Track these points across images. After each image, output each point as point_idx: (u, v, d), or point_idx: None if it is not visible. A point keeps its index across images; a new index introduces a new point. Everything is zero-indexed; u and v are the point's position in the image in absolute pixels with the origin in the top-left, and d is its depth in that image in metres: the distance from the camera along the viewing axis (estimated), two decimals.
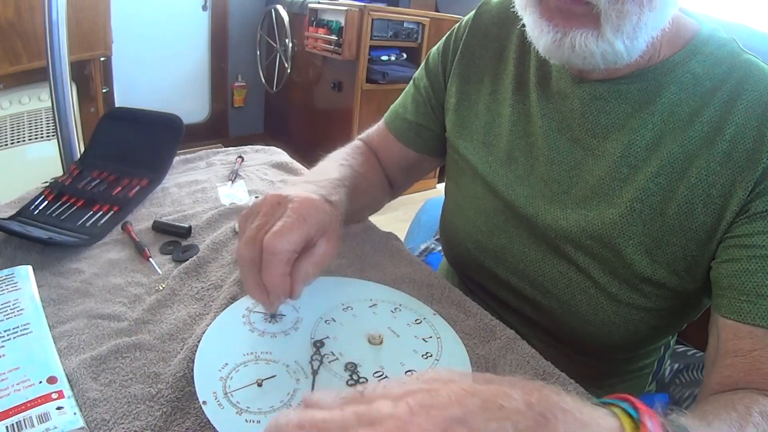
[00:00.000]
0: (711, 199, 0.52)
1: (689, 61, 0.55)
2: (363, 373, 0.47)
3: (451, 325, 0.55)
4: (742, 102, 0.52)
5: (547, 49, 0.52)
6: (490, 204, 0.66)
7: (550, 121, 0.61)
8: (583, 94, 0.58)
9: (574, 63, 0.52)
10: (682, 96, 0.54)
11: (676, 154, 0.54)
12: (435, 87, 0.74)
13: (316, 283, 0.61)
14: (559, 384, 0.51)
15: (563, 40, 0.50)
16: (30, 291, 0.54)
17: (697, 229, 0.53)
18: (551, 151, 0.61)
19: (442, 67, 0.74)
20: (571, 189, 0.59)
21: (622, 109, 0.56)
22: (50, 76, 0.99)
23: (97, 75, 2.03)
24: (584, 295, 0.60)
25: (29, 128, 1.80)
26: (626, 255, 0.56)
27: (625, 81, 0.56)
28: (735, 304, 0.49)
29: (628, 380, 0.73)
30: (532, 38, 0.54)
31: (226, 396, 0.43)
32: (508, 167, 0.65)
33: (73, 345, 0.50)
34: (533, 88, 0.63)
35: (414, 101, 0.76)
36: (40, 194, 0.78)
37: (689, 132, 0.53)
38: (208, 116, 3.23)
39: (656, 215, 0.55)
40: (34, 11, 1.56)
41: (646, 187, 0.55)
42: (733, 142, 0.51)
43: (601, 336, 0.62)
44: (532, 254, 0.63)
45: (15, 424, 0.39)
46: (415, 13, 2.68)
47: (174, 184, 0.86)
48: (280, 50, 2.98)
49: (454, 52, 0.72)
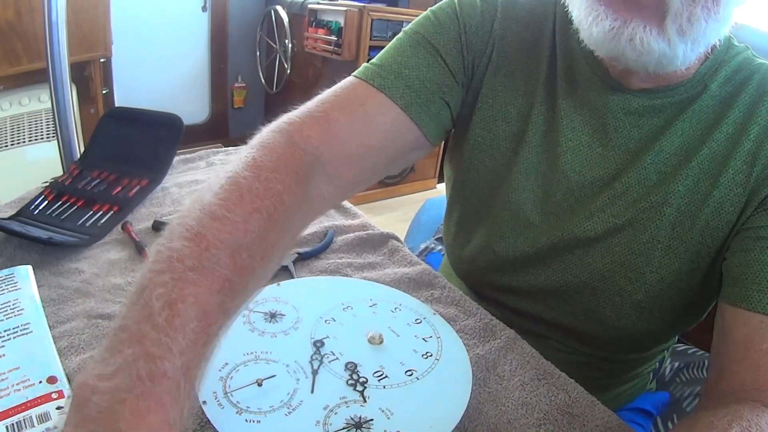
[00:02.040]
0: (738, 198, 0.52)
1: (717, 71, 0.54)
2: (363, 373, 0.47)
3: (451, 324, 0.55)
4: (764, 103, 0.52)
5: (600, 39, 0.47)
6: (511, 220, 0.61)
7: (580, 134, 0.57)
8: (616, 108, 0.55)
9: (626, 59, 0.48)
10: (709, 103, 0.54)
11: (704, 155, 0.53)
12: (458, 58, 0.58)
13: (317, 283, 0.61)
14: (560, 384, 0.51)
15: (621, 30, 0.45)
16: (30, 291, 0.54)
17: (724, 228, 0.53)
18: (581, 167, 0.57)
19: (470, 39, 0.58)
20: (597, 197, 0.57)
21: (655, 122, 0.55)
22: (50, 78, 0.99)
23: (97, 76, 2.03)
24: (608, 303, 0.58)
25: (29, 129, 1.80)
26: (654, 260, 0.55)
27: (660, 95, 0.54)
28: (745, 293, 0.48)
29: (634, 379, 0.73)
30: (581, 25, 0.48)
31: (226, 396, 0.43)
32: (534, 182, 0.60)
33: (73, 345, 0.50)
34: (561, 96, 0.58)
35: (426, 63, 0.56)
36: (40, 194, 0.78)
37: (716, 134, 0.53)
38: (208, 117, 3.23)
39: (686, 218, 0.54)
40: (33, 12, 1.56)
41: (674, 189, 0.54)
42: (758, 141, 0.52)
43: (623, 339, 0.61)
44: (555, 265, 0.60)
45: (15, 424, 0.39)
46: (414, 14, 2.68)
47: (174, 184, 0.86)
48: (280, 51, 2.98)
49: (486, 29, 0.58)
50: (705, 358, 0.79)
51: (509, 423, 0.46)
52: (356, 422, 0.42)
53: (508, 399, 0.49)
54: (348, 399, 0.44)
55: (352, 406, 0.44)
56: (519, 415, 0.47)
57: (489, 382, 0.51)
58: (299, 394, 0.44)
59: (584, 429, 0.46)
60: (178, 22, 2.89)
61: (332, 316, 0.54)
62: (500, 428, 0.46)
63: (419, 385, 0.47)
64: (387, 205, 2.77)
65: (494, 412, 0.47)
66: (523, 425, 0.46)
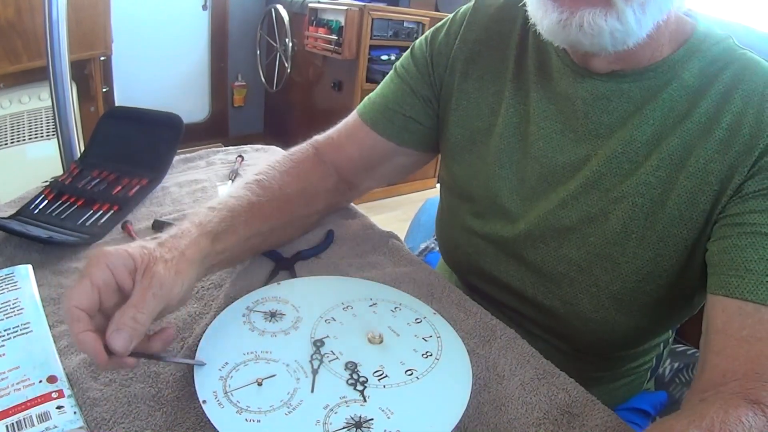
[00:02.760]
0: (710, 186, 0.52)
1: (689, 60, 0.55)
2: (363, 372, 0.47)
3: (451, 324, 0.55)
4: (738, 92, 0.52)
5: (552, 30, 0.50)
6: (489, 208, 0.66)
7: (553, 122, 0.60)
8: (585, 95, 0.58)
9: (581, 44, 0.50)
10: (681, 93, 0.55)
11: (675, 146, 0.54)
12: (425, 78, 0.69)
13: (317, 283, 0.61)
14: (560, 383, 0.51)
15: (570, 20, 0.48)
16: (30, 290, 0.54)
17: (698, 218, 0.53)
18: (554, 152, 0.60)
19: (434, 60, 0.69)
20: (571, 187, 0.59)
21: (624, 107, 0.56)
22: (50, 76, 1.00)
23: (97, 74, 2.03)
24: (586, 294, 0.60)
25: (29, 127, 1.80)
26: (629, 250, 0.56)
27: (628, 79, 0.56)
28: (724, 280, 0.48)
29: (629, 376, 0.73)
30: (535, 19, 0.52)
31: (226, 395, 0.43)
32: (508, 169, 0.64)
33: (73, 344, 0.50)
34: (533, 89, 0.62)
35: (399, 91, 0.71)
36: (40, 193, 0.78)
37: (687, 123, 0.54)
38: (208, 116, 3.22)
39: (657, 208, 0.55)
40: (34, 11, 1.56)
41: (647, 181, 0.55)
42: (730, 129, 0.52)
43: (602, 333, 0.62)
44: (533, 255, 0.63)
45: (15, 424, 0.39)
46: (415, 13, 2.68)
47: (174, 184, 0.86)
48: (280, 50, 2.98)
49: (450, 46, 0.68)
50: None
51: (509, 423, 0.46)
52: (356, 422, 0.42)
53: (508, 398, 0.49)
54: (348, 398, 0.44)
55: (352, 406, 0.44)
56: (519, 415, 0.47)
57: (489, 381, 0.51)
58: (299, 394, 0.44)
59: (584, 428, 0.46)
60: (179, 20, 2.88)
61: (332, 315, 0.54)
62: (500, 428, 0.46)
63: (419, 385, 0.47)
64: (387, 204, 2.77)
65: (494, 411, 0.47)
66: (522, 425, 0.46)
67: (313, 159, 0.71)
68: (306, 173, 0.69)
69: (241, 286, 0.60)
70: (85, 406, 0.43)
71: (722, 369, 0.45)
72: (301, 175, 0.68)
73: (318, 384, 0.46)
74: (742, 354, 0.45)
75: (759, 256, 0.47)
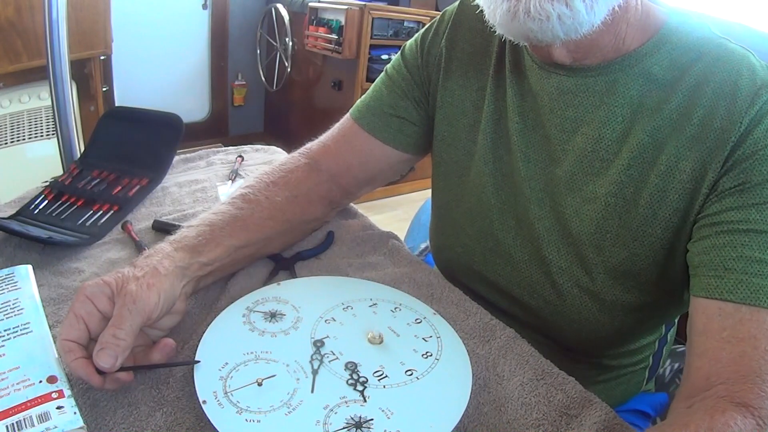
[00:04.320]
0: (682, 184, 0.52)
1: (657, 52, 0.54)
2: (363, 373, 0.47)
3: (451, 324, 0.55)
4: (710, 85, 0.51)
5: (503, 22, 0.50)
6: (476, 206, 0.66)
7: (525, 118, 0.61)
8: (551, 89, 0.58)
9: (533, 32, 0.49)
10: (650, 87, 0.54)
11: (646, 143, 0.53)
12: (417, 81, 0.70)
13: (317, 283, 0.61)
14: (559, 382, 0.51)
15: (517, 7, 0.48)
16: (30, 290, 0.54)
17: (671, 216, 0.53)
18: (527, 148, 0.61)
19: (423, 60, 0.70)
20: (546, 186, 0.60)
21: (589, 101, 0.56)
22: (50, 75, 0.99)
23: (97, 74, 2.03)
24: (568, 295, 0.60)
25: (29, 127, 1.79)
26: (605, 250, 0.56)
27: (592, 73, 0.56)
28: (703, 281, 0.48)
29: (623, 375, 0.73)
30: (489, 16, 0.52)
31: (226, 395, 0.43)
32: (493, 166, 0.64)
33: None
34: (509, 85, 0.63)
35: (392, 93, 0.71)
36: (40, 193, 0.78)
37: (657, 120, 0.53)
38: (208, 115, 3.22)
39: (630, 207, 0.55)
40: (34, 10, 1.56)
41: (618, 180, 0.55)
42: (702, 125, 0.51)
43: (588, 333, 0.62)
44: (518, 255, 0.64)
45: (15, 424, 0.39)
46: (415, 12, 2.68)
47: (174, 184, 0.86)
48: (280, 49, 2.98)
49: (438, 46, 0.69)
50: None
51: (509, 423, 0.47)
52: (356, 422, 0.42)
53: (507, 399, 0.49)
54: (348, 399, 0.44)
55: (352, 406, 0.44)
56: (518, 415, 0.47)
57: (489, 382, 0.51)
58: (299, 394, 0.44)
59: (582, 428, 0.46)
60: (179, 19, 2.88)
61: (332, 315, 0.54)
62: (500, 428, 0.46)
63: (419, 385, 0.47)
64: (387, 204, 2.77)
65: (494, 412, 0.48)
66: (522, 425, 0.46)
67: (304, 167, 0.71)
68: (297, 181, 0.69)
69: (241, 287, 0.60)
70: (85, 406, 0.43)
71: (706, 372, 0.45)
72: (292, 183, 0.68)
73: (318, 384, 0.46)
74: (725, 356, 0.44)
75: (737, 254, 0.46)
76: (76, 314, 0.45)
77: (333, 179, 0.72)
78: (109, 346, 0.43)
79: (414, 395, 0.46)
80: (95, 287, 0.46)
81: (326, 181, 0.72)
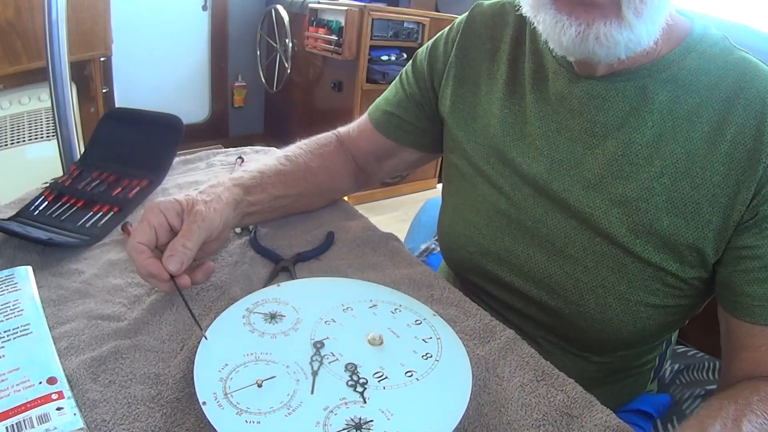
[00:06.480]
0: (716, 199, 0.53)
1: (685, 58, 0.55)
2: (363, 374, 0.47)
3: (451, 325, 0.55)
4: (740, 101, 0.52)
5: (571, 44, 0.51)
6: (492, 207, 0.66)
7: (549, 122, 0.61)
8: (581, 94, 0.58)
9: (596, 56, 0.51)
10: (679, 93, 0.55)
11: (679, 154, 0.54)
12: (421, 86, 0.75)
13: (317, 284, 0.61)
14: (559, 384, 0.51)
15: (587, 33, 0.49)
16: (30, 291, 0.54)
17: (704, 227, 0.54)
18: (551, 151, 0.61)
19: (431, 68, 0.74)
20: (572, 188, 0.60)
21: (620, 107, 0.57)
22: (50, 76, 1.00)
23: (97, 75, 2.03)
24: (592, 295, 0.60)
25: (29, 128, 1.80)
26: (634, 252, 0.57)
27: (623, 78, 0.56)
28: (749, 309, 0.52)
29: (632, 376, 0.73)
30: (551, 37, 0.53)
31: (226, 397, 0.43)
32: (509, 168, 0.65)
33: (73, 345, 0.50)
34: (529, 91, 0.63)
35: (397, 96, 0.78)
36: (40, 195, 0.78)
37: (690, 132, 0.54)
38: (208, 116, 3.23)
39: (662, 214, 0.55)
40: (33, 11, 1.56)
41: (650, 186, 0.55)
42: (734, 142, 0.52)
43: (608, 333, 0.62)
44: (537, 256, 0.63)
45: (15, 425, 0.39)
46: (415, 13, 2.68)
47: (174, 185, 0.86)
48: (280, 50, 2.98)
49: (447, 54, 0.72)
50: (705, 360, 0.79)
51: (509, 424, 0.46)
52: (356, 423, 0.42)
53: (507, 400, 0.49)
54: (348, 400, 0.44)
55: (352, 407, 0.44)
56: (518, 417, 0.47)
57: (489, 383, 0.51)
58: (299, 395, 0.44)
59: (583, 429, 0.46)
60: (179, 21, 2.89)
61: (332, 317, 0.54)
62: (500, 429, 0.46)
63: (419, 386, 0.47)
64: (387, 204, 2.77)
65: (494, 413, 0.47)
66: (522, 426, 0.46)
67: (336, 144, 0.81)
68: (330, 154, 0.79)
69: (241, 288, 0.60)
70: (84, 407, 0.43)
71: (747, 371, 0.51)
72: (325, 155, 0.78)
73: (318, 385, 0.46)
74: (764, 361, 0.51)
75: None
76: (150, 223, 0.53)
77: (356, 161, 0.82)
78: (177, 253, 0.51)
79: (414, 396, 0.46)
80: (168, 203, 0.55)
81: (352, 161, 0.82)
